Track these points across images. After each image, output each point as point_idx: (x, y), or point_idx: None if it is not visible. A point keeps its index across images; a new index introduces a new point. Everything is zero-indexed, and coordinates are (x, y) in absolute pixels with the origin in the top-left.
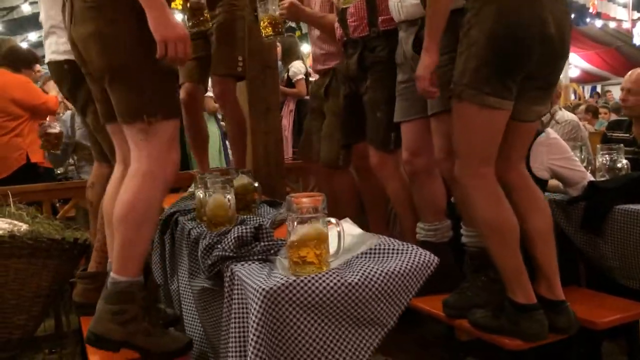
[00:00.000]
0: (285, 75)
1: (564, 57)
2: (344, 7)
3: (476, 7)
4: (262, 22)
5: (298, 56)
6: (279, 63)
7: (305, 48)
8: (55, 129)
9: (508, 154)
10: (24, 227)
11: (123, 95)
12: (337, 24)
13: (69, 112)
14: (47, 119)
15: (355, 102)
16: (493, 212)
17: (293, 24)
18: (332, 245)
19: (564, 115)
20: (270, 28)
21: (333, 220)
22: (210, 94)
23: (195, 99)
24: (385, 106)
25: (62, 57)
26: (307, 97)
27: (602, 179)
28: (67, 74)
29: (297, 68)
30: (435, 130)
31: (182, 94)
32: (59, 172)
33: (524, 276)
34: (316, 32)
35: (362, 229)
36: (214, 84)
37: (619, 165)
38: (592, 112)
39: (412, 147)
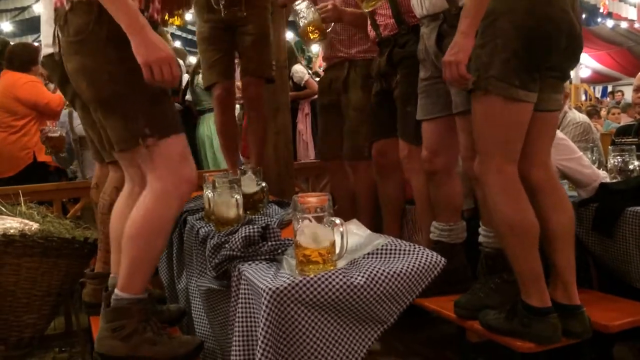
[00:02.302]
0: (290, 82)
1: (582, 49)
2: (368, 10)
3: None
4: (307, 29)
5: (297, 60)
6: None
7: (314, 48)
8: (56, 133)
9: (533, 149)
10: (34, 226)
11: (116, 125)
12: (369, 27)
13: (65, 111)
14: (48, 123)
15: (386, 98)
16: (514, 211)
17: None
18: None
19: (575, 116)
20: (317, 33)
21: (337, 220)
22: None
23: (231, 96)
24: (416, 100)
25: (52, 49)
26: None
27: (614, 180)
28: (57, 67)
29: (300, 72)
30: (461, 129)
31: (218, 92)
32: (71, 167)
33: (541, 279)
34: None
35: (379, 227)
36: (248, 85)
37: (631, 167)
38: (596, 114)
39: (432, 146)
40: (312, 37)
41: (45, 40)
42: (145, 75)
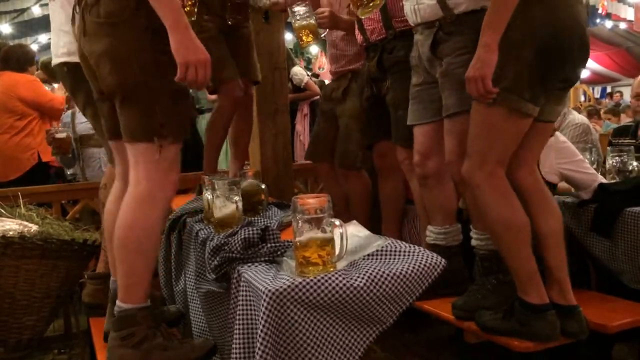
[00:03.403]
0: (289, 84)
1: (589, 54)
2: (364, 16)
3: (517, 9)
4: (301, 31)
5: (294, 62)
6: None
7: (313, 49)
8: (63, 134)
9: (524, 154)
10: (34, 228)
11: (135, 115)
12: (357, 31)
13: (69, 112)
14: (53, 124)
15: (377, 103)
16: (506, 211)
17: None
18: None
19: (575, 118)
20: (311, 36)
21: (337, 222)
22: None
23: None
24: (406, 104)
25: (60, 59)
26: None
27: (613, 181)
28: (66, 76)
29: (299, 74)
30: (448, 132)
31: (239, 91)
32: (70, 172)
33: (537, 276)
34: (339, 34)
35: (373, 231)
36: (248, 88)
37: (630, 167)
38: (596, 114)
39: (423, 150)
40: (305, 40)
41: (55, 50)
42: (180, 74)
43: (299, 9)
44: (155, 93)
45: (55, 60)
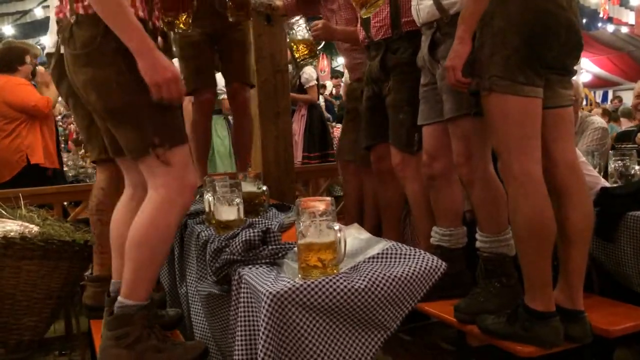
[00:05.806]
0: (297, 81)
1: (582, 46)
2: (366, 16)
3: (497, 1)
4: (297, 47)
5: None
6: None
7: None
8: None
9: (554, 149)
10: (35, 229)
11: (127, 134)
12: (359, 27)
13: None
14: (58, 123)
15: (378, 103)
16: (536, 215)
17: None
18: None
19: (596, 121)
20: (307, 51)
21: (336, 225)
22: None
23: (214, 102)
24: (408, 107)
25: (48, 50)
26: (319, 102)
27: (615, 185)
28: (54, 66)
29: (309, 75)
30: (453, 135)
31: (208, 96)
32: (71, 174)
33: (549, 286)
34: (347, 44)
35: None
36: (240, 91)
37: (632, 171)
38: (608, 116)
39: (431, 151)
40: (301, 54)
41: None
42: (154, 95)
43: (295, 23)
44: (141, 109)
45: (48, 50)
